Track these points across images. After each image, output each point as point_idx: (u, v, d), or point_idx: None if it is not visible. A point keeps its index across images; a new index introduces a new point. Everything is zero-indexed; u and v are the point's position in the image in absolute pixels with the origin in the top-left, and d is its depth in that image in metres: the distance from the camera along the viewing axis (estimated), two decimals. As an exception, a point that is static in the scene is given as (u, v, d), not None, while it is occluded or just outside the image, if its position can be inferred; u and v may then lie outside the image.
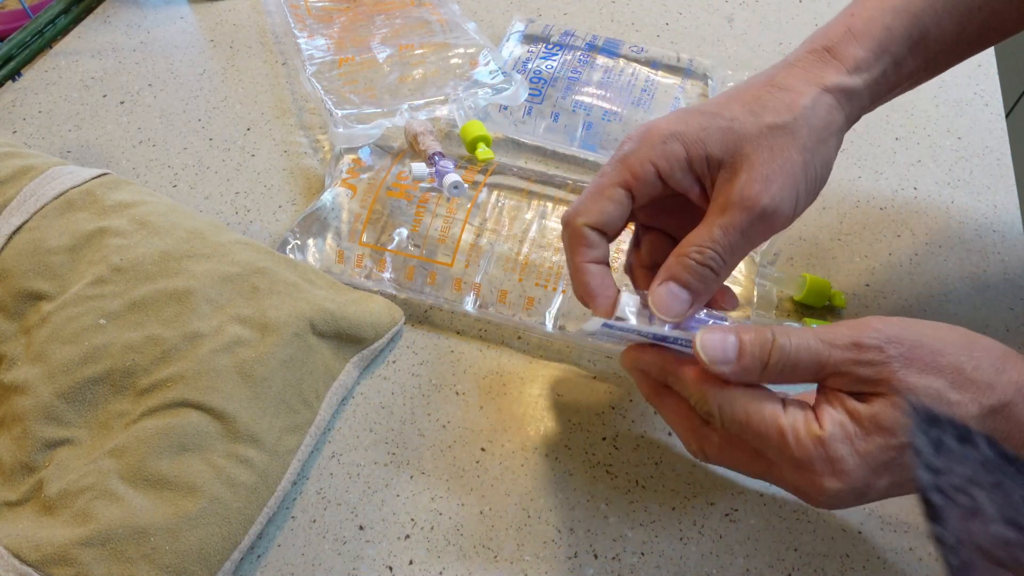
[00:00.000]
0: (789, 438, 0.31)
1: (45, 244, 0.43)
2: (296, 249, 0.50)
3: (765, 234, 0.35)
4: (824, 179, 0.37)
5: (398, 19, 0.62)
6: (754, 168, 0.34)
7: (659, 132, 0.36)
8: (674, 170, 0.35)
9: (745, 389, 0.33)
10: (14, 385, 0.39)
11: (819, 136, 0.35)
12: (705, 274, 0.34)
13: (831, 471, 0.31)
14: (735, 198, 0.34)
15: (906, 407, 0.31)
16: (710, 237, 0.34)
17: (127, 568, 0.34)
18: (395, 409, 0.45)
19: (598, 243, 0.36)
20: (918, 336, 0.32)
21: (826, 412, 0.32)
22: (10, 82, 0.63)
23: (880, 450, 0.31)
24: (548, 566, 0.39)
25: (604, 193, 0.36)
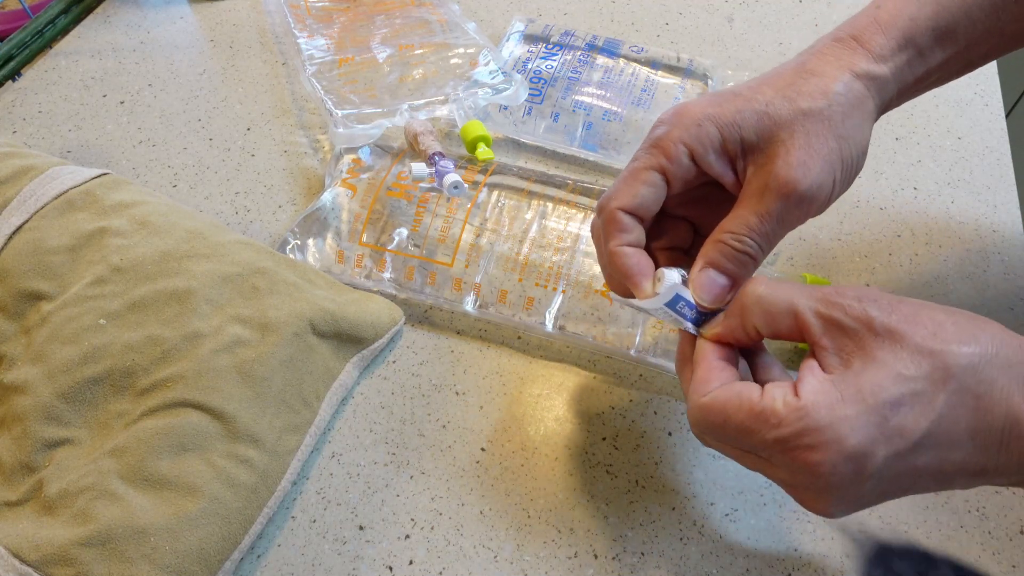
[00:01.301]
0: (769, 418, 0.30)
1: (45, 244, 0.43)
2: (296, 249, 0.50)
3: (801, 219, 0.35)
4: (859, 165, 0.36)
5: (398, 19, 0.62)
6: (790, 153, 0.33)
7: (693, 114, 0.35)
8: (708, 153, 0.35)
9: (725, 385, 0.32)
10: (14, 385, 0.39)
11: (852, 122, 0.35)
12: (744, 260, 0.34)
13: (816, 442, 0.29)
14: (772, 184, 0.33)
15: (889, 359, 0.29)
16: (746, 224, 0.34)
17: (127, 568, 0.34)
18: (395, 409, 0.45)
19: (633, 227, 0.36)
20: (897, 297, 0.31)
21: (804, 382, 0.30)
22: (10, 82, 0.64)
23: (866, 410, 0.29)
24: (548, 566, 0.39)
25: (638, 177, 0.35)
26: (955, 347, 0.29)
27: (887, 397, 0.29)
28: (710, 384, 0.33)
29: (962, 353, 0.29)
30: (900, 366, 0.29)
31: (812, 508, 0.32)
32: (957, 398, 0.29)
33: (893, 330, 0.30)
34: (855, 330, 0.30)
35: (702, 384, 0.33)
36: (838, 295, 0.31)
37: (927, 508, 0.42)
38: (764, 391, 0.31)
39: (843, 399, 0.29)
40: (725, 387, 0.32)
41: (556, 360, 0.47)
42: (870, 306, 0.30)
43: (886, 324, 0.30)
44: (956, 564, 0.40)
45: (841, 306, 0.31)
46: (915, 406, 0.29)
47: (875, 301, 0.31)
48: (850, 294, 0.31)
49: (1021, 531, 0.41)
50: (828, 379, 0.30)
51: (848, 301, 0.31)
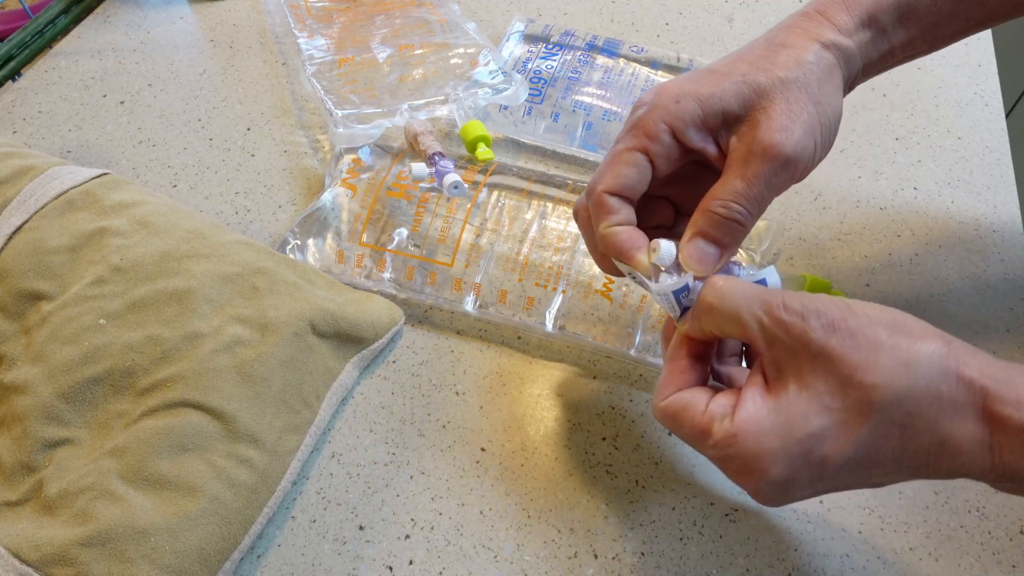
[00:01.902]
0: (706, 437, 0.32)
1: (45, 244, 0.43)
2: (296, 249, 0.50)
3: (787, 183, 0.35)
4: (835, 132, 0.37)
5: (398, 19, 0.62)
6: (772, 119, 0.34)
7: (671, 92, 0.36)
8: (688, 128, 0.35)
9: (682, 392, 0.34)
10: (14, 385, 0.39)
11: (826, 88, 0.36)
12: (732, 227, 0.35)
13: (745, 468, 0.31)
14: (756, 148, 0.34)
15: (818, 387, 0.30)
16: (733, 189, 0.35)
17: (127, 568, 0.34)
18: (395, 409, 0.45)
19: (621, 208, 0.36)
20: (843, 312, 0.31)
21: (742, 407, 0.32)
22: (10, 82, 0.64)
23: (790, 444, 0.30)
24: (548, 566, 0.39)
25: (622, 159, 0.36)
26: (884, 381, 0.29)
27: (811, 429, 0.30)
28: (668, 388, 0.35)
29: (888, 387, 0.29)
30: (827, 397, 0.30)
31: None
32: (881, 429, 0.30)
33: (828, 354, 0.30)
34: (793, 349, 0.31)
35: (663, 387, 0.35)
36: (784, 308, 0.31)
37: (927, 508, 0.42)
38: (707, 408, 0.33)
39: (771, 430, 0.31)
40: (679, 395, 0.34)
41: (556, 360, 0.47)
42: (810, 325, 0.31)
43: (822, 346, 0.30)
44: (955, 564, 0.40)
45: (783, 322, 0.31)
46: (838, 437, 0.30)
47: (818, 318, 0.31)
48: (796, 307, 0.31)
49: (1021, 531, 0.41)
50: (764, 406, 0.31)
51: (791, 317, 0.31)
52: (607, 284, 0.46)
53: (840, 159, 0.59)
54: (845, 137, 0.61)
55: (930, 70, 0.66)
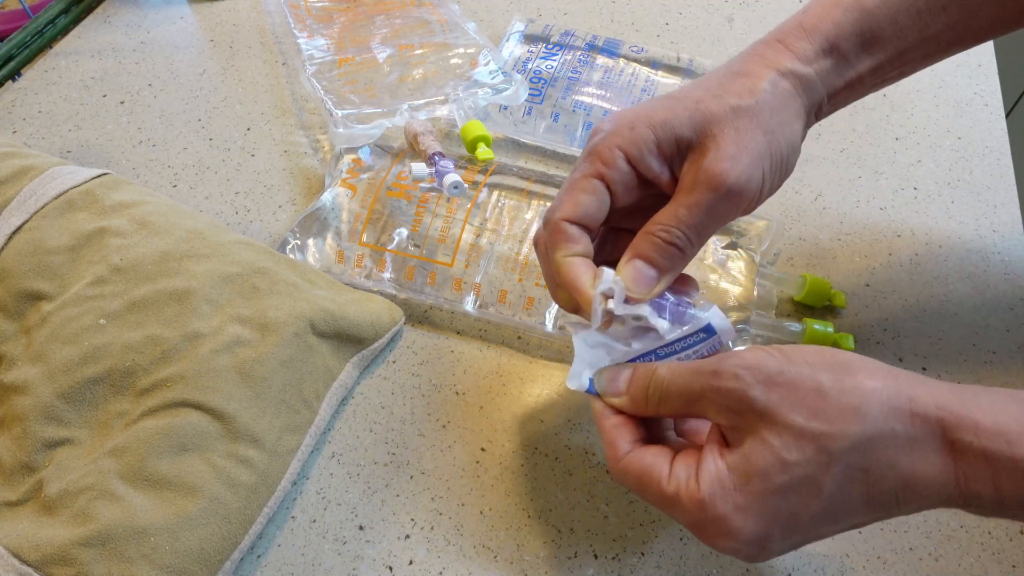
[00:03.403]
0: (676, 506, 0.32)
1: (45, 244, 0.43)
2: (296, 249, 0.50)
3: (730, 213, 0.35)
4: (790, 163, 0.37)
5: (398, 19, 0.62)
6: (720, 148, 0.34)
7: (626, 119, 0.36)
8: (643, 154, 0.35)
9: (637, 451, 0.34)
10: (14, 385, 0.39)
11: (780, 118, 0.35)
12: (671, 252, 0.35)
13: (718, 532, 0.31)
14: (701, 177, 0.34)
15: (774, 443, 0.30)
16: (675, 216, 0.34)
17: (127, 568, 0.34)
18: (395, 409, 0.45)
19: (579, 237, 0.36)
20: (779, 364, 0.31)
21: (704, 469, 0.31)
22: (10, 82, 0.64)
23: (759, 499, 0.30)
24: (548, 566, 0.39)
25: (579, 186, 0.36)
26: (837, 428, 0.29)
27: (774, 486, 0.30)
28: (619, 446, 0.34)
29: (845, 435, 0.29)
30: (784, 452, 0.30)
31: None
32: (845, 475, 0.30)
33: (773, 412, 0.30)
34: (739, 411, 0.31)
35: (611, 446, 0.34)
36: (716, 375, 0.31)
37: (927, 508, 0.42)
38: (671, 475, 0.32)
39: (736, 488, 0.30)
40: (636, 455, 0.33)
41: (556, 360, 0.47)
42: (747, 384, 0.31)
43: (764, 405, 0.30)
44: (955, 565, 0.40)
45: (720, 390, 0.31)
46: (802, 491, 0.30)
47: (754, 376, 0.31)
48: (729, 370, 0.31)
49: (1021, 531, 0.41)
50: (724, 466, 0.31)
51: (726, 383, 0.31)
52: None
53: (840, 159, 0.59)
54: (845, 137, 0.61)
55: (930, 70, 0.66)
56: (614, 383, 0.35)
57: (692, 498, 0.31)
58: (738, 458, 0.31)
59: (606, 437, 0.35)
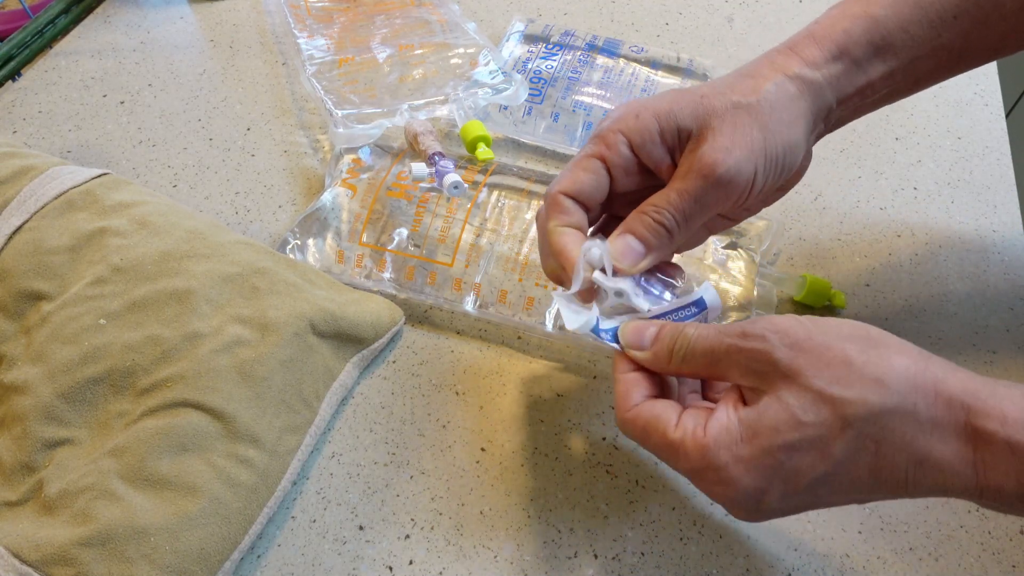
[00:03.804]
0: (679, 451, 0.32)
1: (45, 244, 0.43)
2: (296, 249, 0.50)
3: (720, 202, 0.36)
4: (788, 163, 0.37)
5: (398, 19, 0.62)
6: (716, 139, 0.36)
7: (632, 108, 0.38)
8: (646, 142, 0.37)
9: (648, 402, 0.34)
10: (14, 385, 0.39)
11: (781, 118, 0.37)
12: (659, 231, 0.36)
13: (716, 479, 0.31)
14: (695, 165, 0.36)
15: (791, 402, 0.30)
16: (667, 199, 0.36)
17: (127, 568, 0.34)
18: (395, 409, 0.45)
19: (573, 211, 0.37)
20: (808, 330, 0.31)
21: (715, 418, 0.32)
22: (10, 82, 0.64)
23: (761, 454, 0.30)
24: (548, 566, 0.39)
25: (580, 165, 0.38)
26: (857, 395, 0.30)
27: (782, 442, 0.30)
28: (631, 397, 0.35)
29: (863, 402, 0.29)
30: (799, 411, 0.30)
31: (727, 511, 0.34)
32: (856, 443, 0.30)
33: (796, 372, 0.30)
34: (762, 372, 0.31)
35: (625, 397, 0.35)
36: (744, 336, 0.32)
37: (927, 508, 0.42)
38: (679, 422, 0.33)
39: (742, 440, 0.31)
40: (647, 405, 0.34)
41: (556, 360, 0.47)
42: (774, 346, 0.31)
43: (788, 366, 0.31)
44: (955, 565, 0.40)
45: (746, 350, 0.32)
46: (811, 451, 0.30)
47: (781, 339, 0.31)
48: (757, 330, 0.32)
49: (1021, 531, 0.41)
50: (736, 417, 0.32)
51: (752, 343, 0.32)
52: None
53: (840, 159, 0.59)
54: (845, 137, 0.61)
55: (930, 70, 0.66)
56: (639, 337, 0.35)
57: (696, 443, 0.31)
58: (751, 413, 0.31)
59: (620, 388, 0.35)
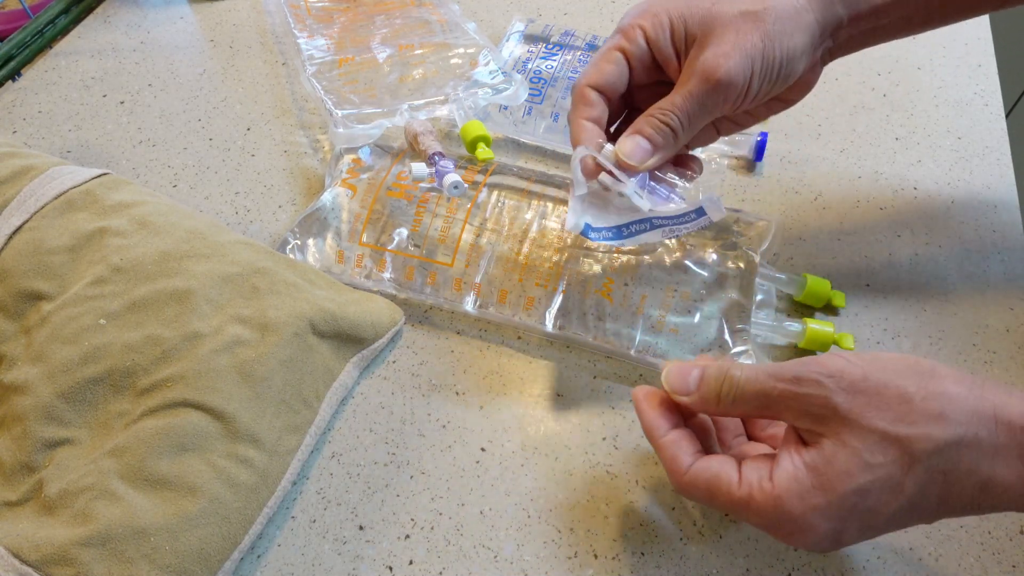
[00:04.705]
0: (749, 508, 0.32)
1: (45, 244, 0.43)
2: (296, 249, 0.50)
3: (720, 104, 0.40)
4: (787, 71, 0.40)
5: (398, 19, 0.62)
6: (718, 45, 0.39)
7: (652, 6, 0.41)
8: (659, 37, 0.41)
9: (701, 461, 0.34)
10: (14, 385, 0.39)
11: (783, 27, 0.39)
12: (665, 132, 0.40)
13: (793, 528, 0.32)
14: (697, 69, 0.39)
15: (856, 446, 0.30)
16: (672, 102, 0.40)
17: (127, 568, 0.34)
18: (395, 409, 0.45)
19: (596, 102, 0.41)
20: (863, 370, 0.32)
21: (780, 467, 0.32)
22: (10, 82, 0.64)
23: (837, 499, 0.31)
24: (548, 566, 0.39)
25: (604, 57, 0.42)
26: (922, 432, 0.30)
27: (855, 486, 0.30)
28: (681, 460, 0.35)
29: (928, 437, 0.30)
30: (867, 454, 0.30)
31: None
32: (926, 477, 0.30)
33: (859, 415, 0.31)
34: (821, 416, 0.32)
35: (674, 461, 0.35)
36: (801, 383, 0.32)
37: (927, 508, 0.42)
38: (742, 477, 0.33)
39: (814, 488, 0.31)
40: (701, 465, 0.34)
41: (556, 360, 0.47)
42: (831, 391, 0.31)
43: (848, 410, 0.31)
44: (955, 565, 0.40)
45: (805, 397, 0.32)
46: (883, 492, 0.31)
47: (837, 382, 0.31)
48: (812, 376, 0.32)
49: (1021, 531, 0.41)
50: (803, 464, 0.32)
51: (808, 389, 0.32)
52: (607, 284, 0.46)
53: (840, 159, 0.59)
54: (845, 137, 0.61)
55: (930, 70, 0.66)
56: (683, 380, 0.36)
57: (767, 497, 0.32)
58: (817, 457, 0.31)
59: (666, 452, 0.35)
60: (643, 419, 0.36)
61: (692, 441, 0.35)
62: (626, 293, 0.46)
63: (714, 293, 0.46)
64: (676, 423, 0.36)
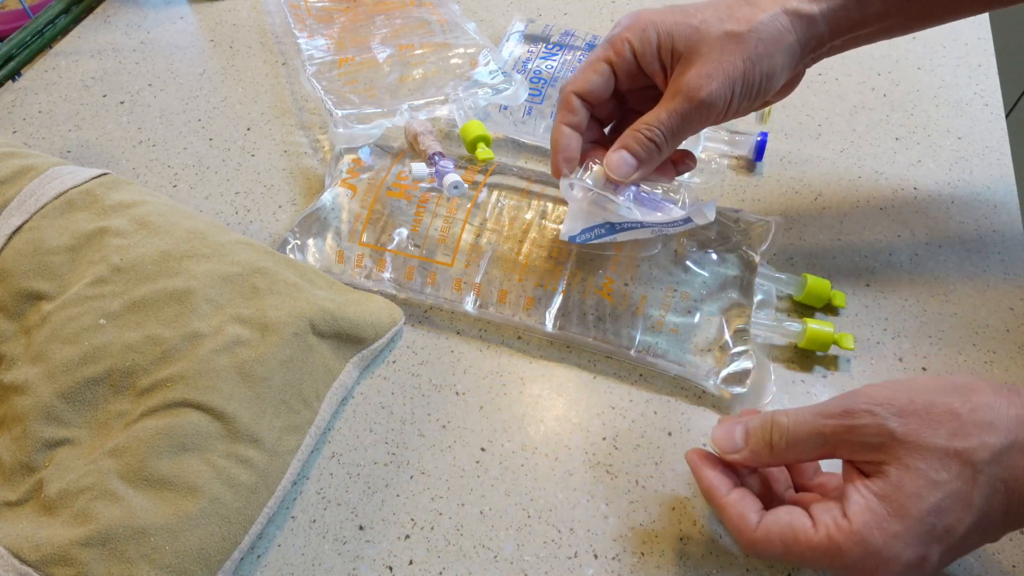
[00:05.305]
0: (831, 550, 0.32)
1: (45, 244, 0.43)
2: (296, 249, 0.50)
3: (702, 122, 0.42)
4: (765, 89, 0.42)
5: (398, 19, 0.62)
6: (702, 66, 0.40)
7: (641, 20, 0.42)
8: (646, 52, 0.42)
9: (768, 516, 0.34)
10: (14, 385, 0.39)
11: (765, 49, 0.40)
12: (650, 147, 0.42)
13: (878, 562, 0.31)
14: (682, 88, 0.40)
15: (920, 466, 0.31)
16: (657, 118, 0.41)
17: (127, 568, 0.34)
18: (395, 409, 0.45)
19: (578, 109, 0.43)
20: (907, 394, 0.33)
21: (851, 502, 0.32)
22: (10, 82, 0.64)
23: (914, 523, 0.31)
24: (548, 566, 0.39)
25: (591, 67, 0.43)
26: (977, 442, 0.31)
27: (928, 506, 0.31)
28: (749, 518, 0.34)
29: (985, 446, 0.31)
30: (932, 472, 0.31)
31: None
32: (990, 487, 0.31)
33: (915, 437, 0.32)
34: (879, 444, 0.32)
35: (741, 519, 0.34)
36: (853, 415, 0.33)
37: (927, 508, 0.42)
38: (816, 522, 0.33)
39: (890, 515, 0.31)
40: (770, 519, 0.34)
41: (556, 360, 0.47)
42: (883, 417, 0.32)
43: (905, 433, 0.32)
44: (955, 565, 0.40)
45: (857, 427, 0.33)
46: (956, 508, 0.31)
47: (886, 408, 0.32)
48: (861, 406, 0.33)
49: (1021, 531, 0.41)
50: (872, 495, 0.32)
51: (860, 419, 0.32)
52: (607, 284, 0.46)
53: (840, 159, 0.59)
54: (845, 137, 0.61)
55: (930, 70, 0.66)
56: (730, 439, 0.36)
57: (847, 535, 0.32)
58: (884, 486, 0.32)
59: (732, 511, 0.35)
60: (702, 480, 0.36)
61: (754, 498, 0.35)
62: (626, 293, 0.46)
63: (714, 293, 0.46)
64: (736, 482, 0.36)
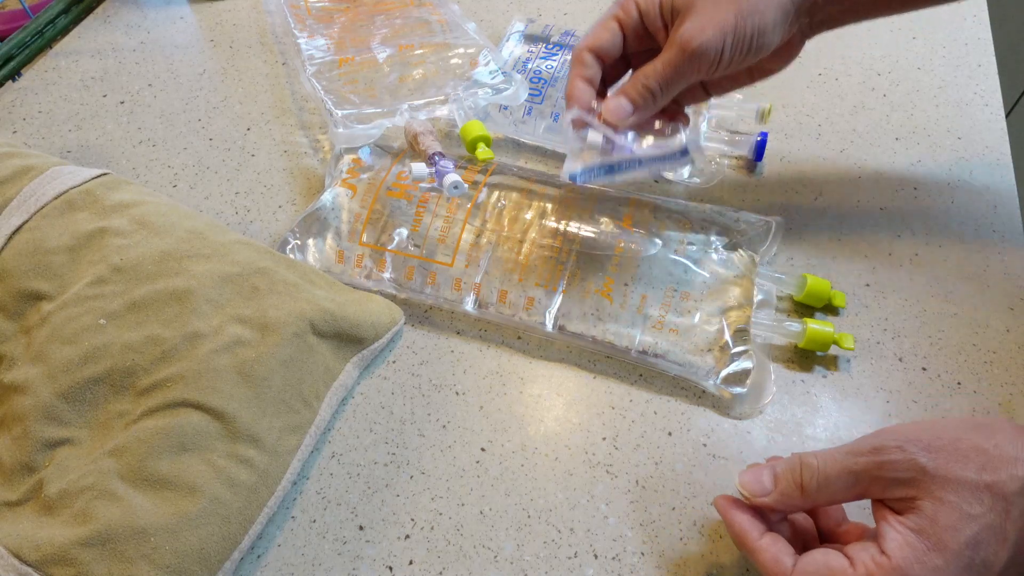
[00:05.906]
0: None
1: (45, 244, 0.43)
2: (296, 249, 0.50)
3: (695, 72, 0.43)
4: (758, 44, 0.43)
5: (398, 19, 0.62)
6: (694, 19, 0.42)
7: None
8: (650, 10, 0.45)
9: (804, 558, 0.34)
10: (14, 385, 0.40)
11: (756, 5, 0.42)
12: (646, 95, 0.44)
13: None
14: (677, 40, 0.43)
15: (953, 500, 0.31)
16: (654, 68, 0.44)
17: (127, 568, 0.34)
18: (395, 409, 0.45)
19: (591, 64, 0.46)
20: (933, 432, 0.33)
21: (888, 539, 0.32)
22: (10, 82, 0.64)
23: (953, 557, 0.31)
24: (548, 566, 0.39)
25: (601, 25, 0.46)
26: (1006, 474, 0.32)
27: (965, 539, 0.31)
28: (783, 562, 0.34)
29: (1014, 477, 0.31)
30: (966, 505, 0.31)
31: None
32: (1023, 522, 0.31)
33: (945, 471, 0.32)
34: (910, 479, 0.33)
35: (777, 563, 0.34)
36: (883, 452, 0.33)
37: (927, 508, 0.42)
38: (854, 561, 0.33)
39: (929, 550, 0.32)
40: (807, 561, 0.34)
41: (556, 360, 0.47)
42: (913, 453, 0.33)
43: (935, 467, 0.32)
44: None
45: (887, 463, 0.33)
46: (992, 541, 0.31)
47: (914, 444, 0.33)
48: (889, 443, 0.33)
49: (1021, 531, 0.41)
50: (909, 530, 0.32)
51: (890, 456, 0.33)
52: (607, 284, 0.46)
53: (840, 159, 0.59)
54: (845, 137, 0.61)
55: (930, 70, 0.66)
56: (758, 483, 0.36)
57: (887, 571, 0.32)
58: (920, 520, 0.32)
59: (766, 555, 0.35)
60: (733, 525, 0.36)
61: (787, 542, 0.35)
62: (626, 293, 0.46)
63: (714, 293, 0.46)
64: (767, 527, 0.36)
